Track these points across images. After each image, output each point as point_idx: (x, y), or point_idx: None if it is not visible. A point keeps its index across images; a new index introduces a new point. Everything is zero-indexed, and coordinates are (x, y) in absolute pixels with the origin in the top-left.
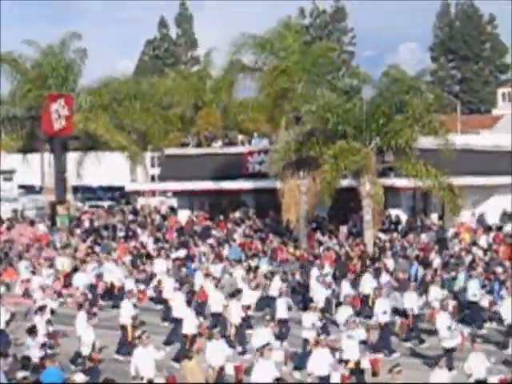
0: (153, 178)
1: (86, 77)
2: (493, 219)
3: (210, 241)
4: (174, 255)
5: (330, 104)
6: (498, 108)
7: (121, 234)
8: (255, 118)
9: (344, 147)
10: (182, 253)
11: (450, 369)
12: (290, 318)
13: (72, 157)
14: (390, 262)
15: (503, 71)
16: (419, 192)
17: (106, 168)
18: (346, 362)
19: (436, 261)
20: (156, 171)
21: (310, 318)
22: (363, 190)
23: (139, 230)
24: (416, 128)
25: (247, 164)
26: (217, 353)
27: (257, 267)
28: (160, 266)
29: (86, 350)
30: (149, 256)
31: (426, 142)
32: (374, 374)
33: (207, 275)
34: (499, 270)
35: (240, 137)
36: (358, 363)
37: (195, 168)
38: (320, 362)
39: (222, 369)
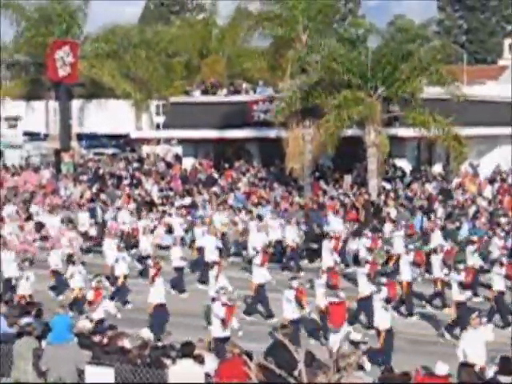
0: (158, 127)
1: (92, 24)
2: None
3: (215, 189)
4: (178, 203)
5: (335, 53)
6: (504, 59)
7: (125, 181)
8: (260, 66)
9: (348, 97)
10: (186, 201)
11: None
12: None
13: (76, 104)
14: (393, 212)
15: (510, 21)
16: (424, 142)
17: (110, 115)
18: None
19: (439, 211)
20: (161, 120)
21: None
22: (368, 140)
23: (144, 178)
24: (422, 77)
25: (252, 112)
26: None
27: (260, 215)
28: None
29: None
30: (153, 204)
31: (431, 91)
32: None
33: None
34: (503, 220)
35: (245, 85)
36: None
37: (200, 116)
38: None
39: None
